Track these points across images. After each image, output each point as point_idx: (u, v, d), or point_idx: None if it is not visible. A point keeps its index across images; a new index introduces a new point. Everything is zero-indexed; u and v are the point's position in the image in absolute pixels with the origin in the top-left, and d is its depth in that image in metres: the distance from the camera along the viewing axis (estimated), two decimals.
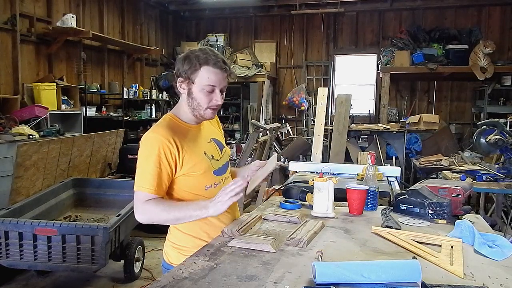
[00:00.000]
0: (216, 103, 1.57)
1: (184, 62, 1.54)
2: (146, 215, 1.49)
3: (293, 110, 9.20)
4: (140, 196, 1.49)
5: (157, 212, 1.47)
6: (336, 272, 1.12)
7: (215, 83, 1.54)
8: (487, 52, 7.10)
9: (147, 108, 8.07)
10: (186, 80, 1.55)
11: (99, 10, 7.21)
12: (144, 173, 1.50)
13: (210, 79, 1.53)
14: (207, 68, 1.52)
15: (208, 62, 1.52)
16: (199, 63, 1.52)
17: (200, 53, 1.53)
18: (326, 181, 1.80)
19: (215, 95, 1.55)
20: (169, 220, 1.53)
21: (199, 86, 1.54)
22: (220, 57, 1.55)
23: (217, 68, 1.53)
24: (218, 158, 1.67)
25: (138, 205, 1.49)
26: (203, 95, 1.55)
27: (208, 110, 1.57)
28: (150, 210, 1.48)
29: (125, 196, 4.00)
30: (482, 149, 4.14)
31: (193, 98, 1.56)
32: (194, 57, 1.53)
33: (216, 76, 1.53)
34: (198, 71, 1.52)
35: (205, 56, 1.52)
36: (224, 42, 9.15)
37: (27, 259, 3.04)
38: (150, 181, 1.48)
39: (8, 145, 4.39)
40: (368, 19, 8.87)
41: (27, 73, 5.71)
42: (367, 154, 5.06)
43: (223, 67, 1.54)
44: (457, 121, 8.43)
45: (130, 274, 3.59)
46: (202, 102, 1.56)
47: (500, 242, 1.46)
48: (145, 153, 1.51)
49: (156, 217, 1.49)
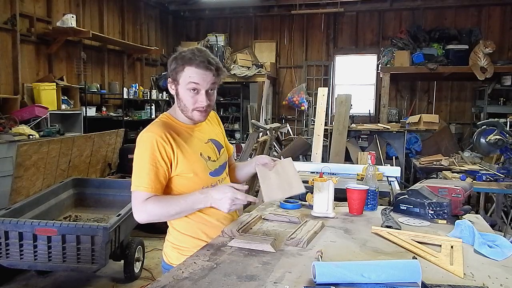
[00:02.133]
0: (201, 105, 1.53)
1: (172, 62, 1.54)
2: (146, 214, 1.48)
3: (293, 110, 9.20)
4: (138, 195, 1.49)
5: (157, 210, 1.47)
6: (336, 272, 1.13)
7: (198, 82, 1.50)
8: (487, 52, 7.09)
9: (147, 108, 8.07)
10: (174, 81, 1.55)
11: (99, 10, 7.21)
12: (140, 173, 1.49)
13: (192, 78, 1.50)
14: (190, 68, 1.50)
15: (192, 62, 1.50)
16: (183, 63, 1.51)
17: (188, 53, 1.52)
18: (326, 181, 1.81)
19: (199, 96, 1.53)
20: (169, 216, 1.53)
21: (183, 86, 1.52)
22: (206, 57, 1.51)
23: (201, 68, 1.49)
24: (215, 159, 1.66)
25: (137, 205, 1.49)
26: (188, 96, 1.53)
27: (194, 111, 1.55)
28: (150, 208, 1.47)
29: (125, 196, 3.99)
30: (482, 149, 4.14)
31: (180, 99, 1.56)
32: (180, 57, 1.52)
33: (200, 76, 1.50)
34: (182, 71, 1.51)
35: (189, 57, 1.50)
36: (224, 42, 9.13)
37: (27, 259, 3.04)
38: (146, 180, 1.48)
39: (8, 145, 4.39)
40: (368, 19, 8.87)
41: (27, 73, 5.70)
42: (367, 154, 5.05)
43: (208, 67, 1.50)
44: (457, 121, 8.43)
45: (130, 274, 3.59)
46: (187, 103, 1.54)
47: (500, 242, 1.46)
48: (141, 153, 1.50)
49: (157, 216, 1.49)
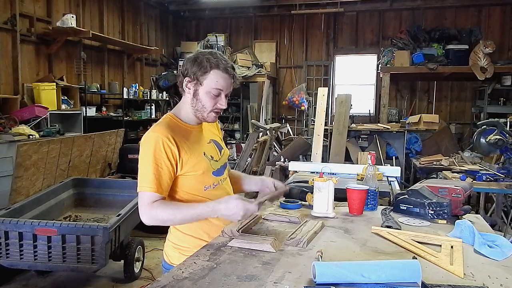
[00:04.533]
0: (220, 107, 1.59)
1: (194, 63, 1.56)
2: (151, 219, 1.49)
3: (293, 110, 9.20)
4: (144, 197, 1.49)
5: (162, 215, 1.48)
6: (336, 272, 1.12)
7: (222, 87, 1.56)
8: (487, 52, 7.09)
9: (147, 108, 8.06)
10: (194, 81, 1.57)
11: (99, 10, 7.21)
12: (146, 173, 1.50)
13: (219, 83, 1.55)
14: (217, 72, 1.55)
15: (219, 66, 1.55)
16: (210, 66, 1.54)
17: (211, 56, 1.55)
18: (326, 181, 1.80)
19: (220, 99, 1.58)
20: (173, 223, 1.57)
21: (207, 89, 1.56)
22: (229, 62, 1.60)
23: (226, 73, 1.56)
24: (217, 159, 1.68)
25: (144, 208, 1.49)
26: (209, 98, 1.57)
27: (211, 113, 1.60)
28: (154, 213, 1.48)
29: (125, 196, 4.00)
30: (482, 149, 4.14)
31: (198, 100, 1.58)
32: (205, 59, 1.55)
33: (225, 81, 1.56)
34: (207, 73, 1.54)
35: (216, 60, 1.55)
36: (224, 42, 9.13)
37: (27, 259, 3.04)
38: (152, 181, 1.48)
39: (8, 145, 4.39)
40: (368, 19, 8.86)
41: (27, 73, 5.70)
42: (367, 154, 5.05)
43: (231, 72, 1.57)
44: (457, 121, 8.42)
45: (130, 274, 3.59)
46: (207, 105, 1.58)
47: (500, 242, 1.46)
48: (146, 153, 1.51)
49: (161, 222, 1.50)
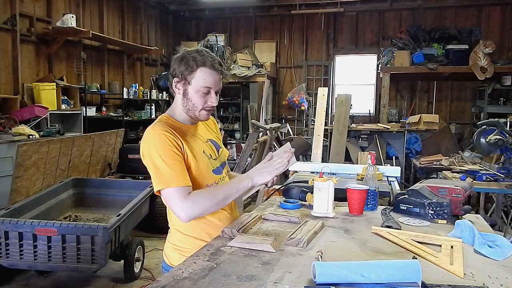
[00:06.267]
0: (211, 105, 1.57)
1: (180, 62, 1.54)
2: (195, 212, 1.46)
3: (293, 110, 9.20)
4: (175, 193, 1.45)
5: (204, 200, 1.46)
6: (336, 272, 1.12)
7: (211, 84, 1.55)
8: (487, 52, 7.09)
9: (147, 108, 8.07)
10: (182, 81, 1.56)
11: (99, 10, 7.21)
12: (164, 170, 1.46)
13: (207, 80, 1.54)
14: (204, 70, 1.53)
15: (205, 64, 1.53)
16: (196, 64, 1.52)
17: (197, 54, 1.54)
18: (326, 181, 1.80)
19: (210, 96, 1.57)
20: (219, 203, 1.51)
21: (195, 87, 1.54)
22: (216, 58, 1.56)
23: (214, 70, 1.54)
24: (215, 157, 1.68)
25: (181, 204, 1.45)
26: (199, 97, 1.55)
27: (203, 111, 1.58)
28: (200, 204, 1.45)
29: (125, 196, 4.00)
30: (482, 149, 4.14)
31: (188, 99, 1.57)
32: (191, 58, 1.53)
33: (213, 77, 1.54)
34: (194, 72, 1.53)
35: (202, 58, 1.53)
36: (224, 42, 9.13)
37: (27, 259, 3.04)
38: (176, 175, 1.46)
39: (8, 145, 4.39)
40: (368, 19, 8.86)
41: (27, 73, 5.70)
42: (367, 154, 5.06)
43: (219, 69, 1.55)
44: (457, 121, 8.43)
45: (130, 274, 3.59)
46: (197, 103, 1.56)
47: (500, 242, 1.46)
48: (156, 150, 1.47)
49: (204, 207, 1.47)
